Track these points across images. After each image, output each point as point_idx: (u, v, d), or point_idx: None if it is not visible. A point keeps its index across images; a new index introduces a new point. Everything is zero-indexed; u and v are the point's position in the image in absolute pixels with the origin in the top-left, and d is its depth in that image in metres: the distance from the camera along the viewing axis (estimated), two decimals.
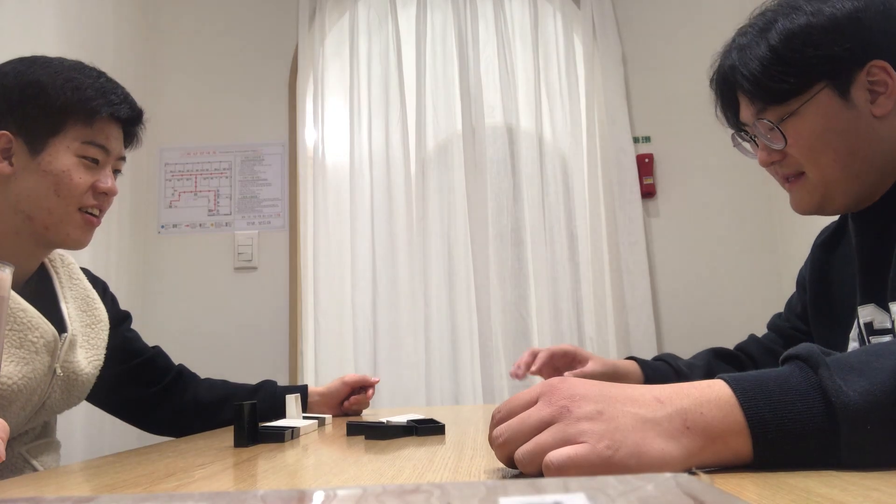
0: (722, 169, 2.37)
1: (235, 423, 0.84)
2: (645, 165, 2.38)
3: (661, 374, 1.12)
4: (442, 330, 2.35)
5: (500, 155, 2.45)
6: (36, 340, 0.90)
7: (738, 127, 0.90)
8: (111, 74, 1.02)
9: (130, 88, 1.05)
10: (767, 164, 0.86)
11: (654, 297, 2.31)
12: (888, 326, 0.78)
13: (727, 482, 0.42)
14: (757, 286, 2.29)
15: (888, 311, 0.78)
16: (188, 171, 2.47)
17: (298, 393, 1.12)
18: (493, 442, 0.50)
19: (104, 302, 1.11)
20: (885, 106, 0.76)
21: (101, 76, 0.99)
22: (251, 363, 2.30)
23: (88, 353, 1.02)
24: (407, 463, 0.63)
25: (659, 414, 0.45)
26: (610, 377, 1.07)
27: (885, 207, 0.80)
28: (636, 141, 2.41)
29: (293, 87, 2.50)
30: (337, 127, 2.48)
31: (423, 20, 2.48)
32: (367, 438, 0.85)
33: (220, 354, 2.27)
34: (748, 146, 0.91)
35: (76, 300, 1.04)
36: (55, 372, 0.94)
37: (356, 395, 1.31)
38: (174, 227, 2.44)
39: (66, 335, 0.96)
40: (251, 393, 1.24)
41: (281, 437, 0.86)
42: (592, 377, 0.70)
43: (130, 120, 1.02)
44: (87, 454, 1.88)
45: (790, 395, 0.45)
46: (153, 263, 2.41)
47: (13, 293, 0.87)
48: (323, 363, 2.27)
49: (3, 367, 0.77)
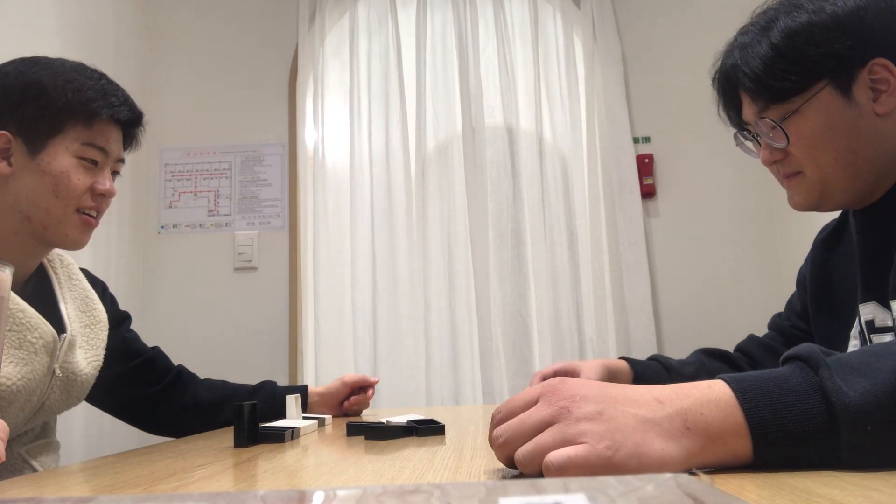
0: (722, 169, 2.37)
1: (235, 423, 0.84)
2: (645, 165, 2.38)
3: (651, 370, 1.12)
4: (442, 330, 2.35)
5: (499, 155, 2.45)
6: (35, 341, 0.90)
7: (740, 126, 0.90)
8: (111, 75, 1.02)
9: (130, 89, 1.05)
10: (770, 162, 0.86)
11: (654, 297, 2.30)
12: (889, 325, 0.78)
13: (727, 482, 0.42)
14: (757, 286, 2.29)
15: (889, 309, 0.78)
16: (188, 171, 2.47)
17: (298, 393, 1.12)
18: (493, 442, 0.50)
19: (103, 302, 1.11)
20: (887, 104, 0.76)
21: (101, 78, 0.99)
22: (251, 363, 2.30)
23: (88, 353, 1.02)
24: (407, 463, 0.63)
25: (659, 414, 0.45)
26: (602, 380, 1.07)
27: (887, 205, 0.80)
28: (636, 141, 2.41)
29: (293, 87, 2.50)
30: (337, 127, 2.48)
31: (423, 20, 2.48)
32: (367, 439, 0.85)
33: (219, 355, 2.26)
34: (751, 145, 0.91)
35: (75, 301, 1.04)
36: (54, 372, 0.94)
37: (356, 395, 1.31)
38: (174, 227, 2.44)
39: (65, 336, 0.96)
40: (251, 393, 1.24)
41: (281, 437, 0.86)
42: None
43: (130, 122, 1.02)
44: (86, 454, 1.88)
45: (790, 395, 0.45)
46: (153, 264, 2.40)
47: (12, 294, 0.87)
48: (323, 363, 2.27)
49: (2, 367, 0.76)
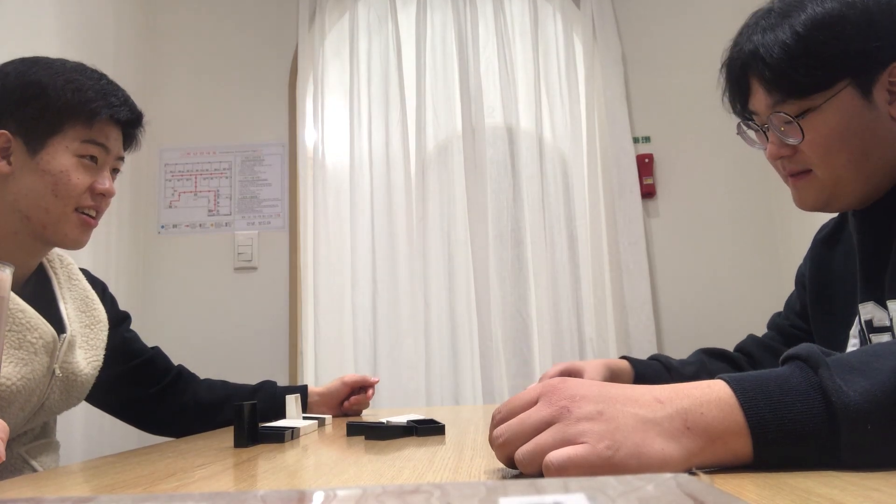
0: (722, 169, 2.37)
1: (235, 423, 0.84)
2: (645, 165, 2.38)
3: (652, 370, 1.11)
4: (442, 330, 2.35)
5: (500, 155, 2.45)
6: (35, 341, 0.90)
7: (745, 115, 0.86)
8: (111, 75, 1.03)
9: (130, 89, 1.05)
10: (776, 158, 0.82)
11: (654, 297, 2.30)
12: (887, 324, 0.78)
13: (727, 482, 0.42)
14: (757, 286, 2.29)
15: (886, 309, 0.78)
16: (188, 171, 2.47)
17: (298, 393, 1.12)
18: (493, 442, 0.50)
19: (103, 302, 1.11)
20: None
21: (102, 78, 0.99)
22: (251, 363, 2.30)
23: (87, 353, 1.02)
24: (407, 463, 0.63)
25: (659, 414, 0.45)
26: (605, 380, 1.07)
27: (887, 205, 0.79)
28: (636, 141, 2.41)
29: (293, 87, 2.50)
30: (337, 127, 2.48)
31: (423, 20, 2.48)
32: (367, 439, 0.85)
33: (219, 355, 2.26)
34: (753, 135, 0.87)
35: (75, 301, 1.04)
36: (54, 373, 0.94)
37: (356, 395, 1.31)
38: (174, 227, 2.44)
39: (64, 336, 0.96)
40: (251, 393, 1.24)
41: (281, 437, 0.86)
42: None
43: (130, 122, 1.02)
44: (86, 454, 1.88)
45: (790, 395, 0.45)
46: (153, 264, 2.41)
47: (12, 294, 0.87)
48: (323, 363, 2.27)
49: (2, 367, 0.76)
